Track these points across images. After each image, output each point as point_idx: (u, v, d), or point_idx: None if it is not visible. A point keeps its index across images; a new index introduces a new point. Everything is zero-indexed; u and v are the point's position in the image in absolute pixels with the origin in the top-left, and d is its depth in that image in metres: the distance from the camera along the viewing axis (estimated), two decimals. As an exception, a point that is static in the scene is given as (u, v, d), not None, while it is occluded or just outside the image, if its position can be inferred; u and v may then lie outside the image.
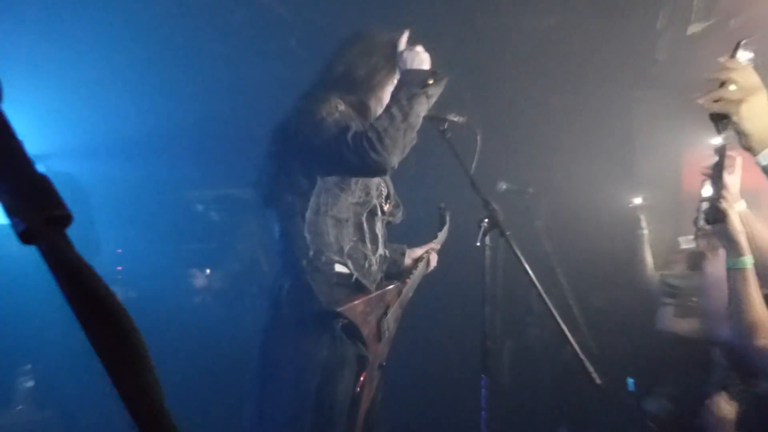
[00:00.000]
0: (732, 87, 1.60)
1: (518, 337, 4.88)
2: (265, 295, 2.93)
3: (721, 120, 1.63)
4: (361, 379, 2.79)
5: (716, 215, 2.25)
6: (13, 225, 0.60)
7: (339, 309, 2.66)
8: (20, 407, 4.16)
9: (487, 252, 2.73)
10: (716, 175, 2.25)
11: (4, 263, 4.04)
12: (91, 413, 4.23)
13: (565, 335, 2.62)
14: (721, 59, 1.65)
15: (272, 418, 2.82)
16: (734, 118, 1.60)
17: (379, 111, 2.82)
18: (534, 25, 5.05)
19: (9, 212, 0.61)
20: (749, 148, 1.62)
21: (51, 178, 0.64)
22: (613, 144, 5.42)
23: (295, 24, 4.98)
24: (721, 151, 2.17)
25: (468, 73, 5.20)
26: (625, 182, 5.35)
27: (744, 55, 1.67)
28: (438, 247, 3.33)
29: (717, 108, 1.62)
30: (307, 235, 2.70)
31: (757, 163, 1.62)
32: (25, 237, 0.60)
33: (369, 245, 2.80)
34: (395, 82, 2.86)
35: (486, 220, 2.70)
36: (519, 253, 2.62)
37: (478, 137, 2.93)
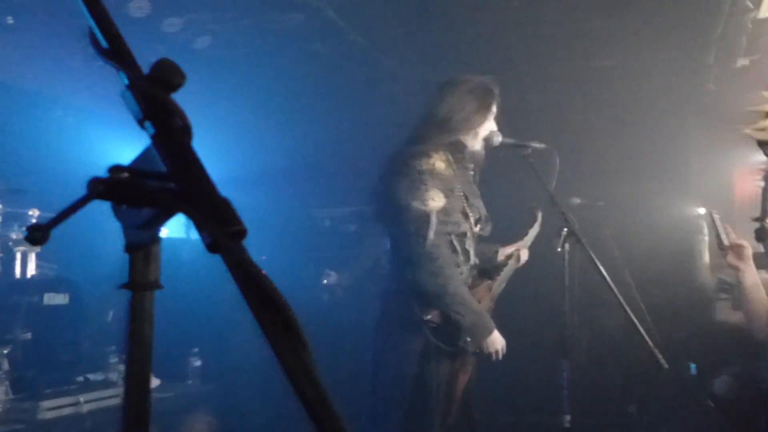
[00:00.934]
0: None
1: (593, 328, 4.74)
2: (380, 295, 2.99)
3: (765, 146, 1.54)
4: (456, 367, 2.78)
5: (763, 234, 2.18)
6: (203, 238, 0.64)
7: (426, 317, 2.69)
8: (190, 381, 4.34)
9: (566, 256, 2.69)
10: (764, 198, 2.17)
11: (181, 268, 4.25)
12: (247, 389, 4.38)
13: (635, 325, 2.54)
14: (765, 93, 1.56)
15: (381, 398, 2.87)
16: None
17: (476, 147, 2.84)
18: (602, 63, 4.95)
19: (199, 228, 0.65)
20: None
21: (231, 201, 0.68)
22: (671, 163, 5.23)
23: (402, 75, 5.06)
24: (766, 177, 2.07)
25: (547, 105, 5.14)
26: (682, 197, 5.16)
27: None
28: (527, 243, 3.24)
29: (762, 136, 1.53)
30: (422, 261, 2.70)
31: None
32: (212, 248, 0.63)
33: (461, 258, 2.79)
34: (490, 118, 2.86)
35: (565, 229, 2.67)
36: (593, 255, 2.57)
37: (557, 160, 2.90)
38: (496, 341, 2.74)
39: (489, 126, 2.87)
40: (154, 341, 0.77)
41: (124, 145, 4.32)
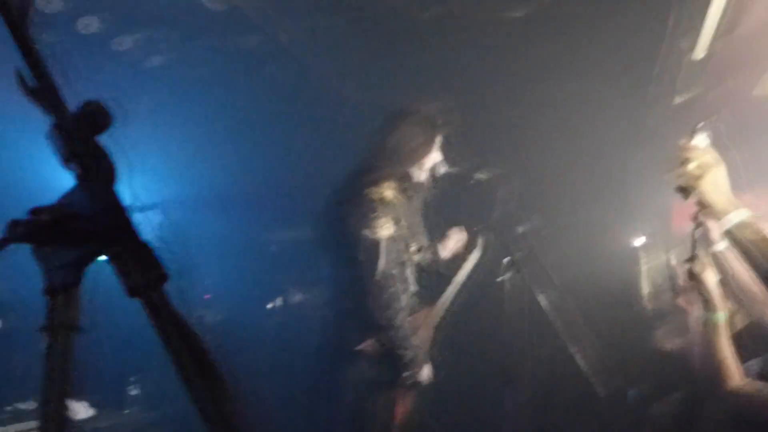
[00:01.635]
0: (692, 164, 1.58)
1: (536, 355, 4.80)
2: (318, 321, 2.99)
3: (685, 191, 1.60)
4: (395, 396, 2.79)
5: (693, 276, 2.27)
6: (123, 283, 0.64)
7: (359, 347, 2.70)
8: (128, 411, 4.23)
9: (507, 285, 2.73)
10: (692, 239, 2.26)
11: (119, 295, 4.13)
12: (187, 416, 4.27)
13: (573, 354, 2.58)
14: (682, 141, 1.63)
15: (320, 427, 2.86)
16: (698, 191, 1.57)
17: (422, 177, 2.88)
18: (549, 92, 5.08)
19: (120, 272, 0.65)
20: (711, 216, 1.58)
21: (151, 245, 0.68)
22: (612, 193, 5.39)
23: (357, 103, 5.09)
24: (696, 220, 2.17)
25: (492, 133, 5.24)
26: (622, 226, 5.31)
27: (701, 137, 1.65)
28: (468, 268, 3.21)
29: (681, 182, 1.59)
30: (351, 282, 2.75)
31: (722, 229, 1.58)
32: (132, 293, 0.64)
33: (401, 287, 2.81)
34: (435, 150, 2.91)
35: (505, 259, 2.72)
36: (533, 286, 2.62)
37: (499, 190, 2.96)
38: (427, 374, 2.78)
39: (434, 157, 2.92)
40: (92, 371, 0.76)
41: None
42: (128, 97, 4.40)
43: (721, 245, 2.45)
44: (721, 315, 2.26)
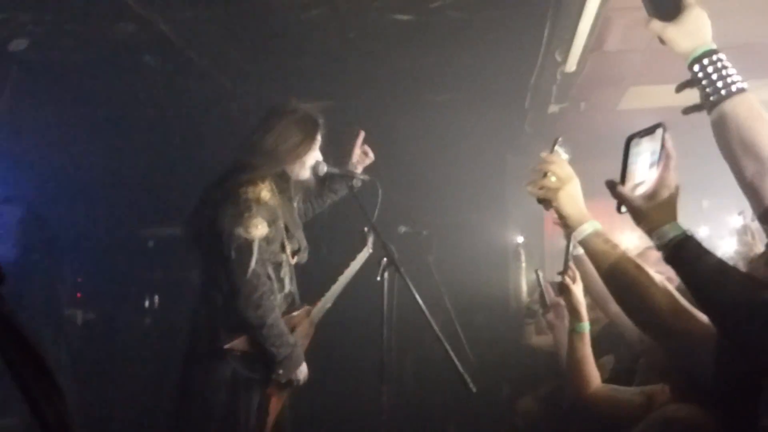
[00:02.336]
0: (552, 178, 1.66)
1: (414, 354, 4.92)
2: (187, 321, 2.91)
3: (544, 202, 1.68)
4: (267, 395, 2.77)
5: (563, 288, 2.48)
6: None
7: (226, 345, 2.65)
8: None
9: (386, 284, 2.77)
10: (566, 254, 2.51)
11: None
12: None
13: (448, 352, 2.65)
14: (543, 154, 1.71)
15: (189, 428, 2.79)
16: (554, 204, 1.66)
17: (302, 176, 2.86)
18: (430, 98, 5.21)
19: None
20: (567, 226, 1.67)
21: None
22: (490, 196, 5.62)
23: (236, 93, 5.00)
24: (567, 237, 2.33)
25: (375, 135, 5.29)
26: (500, 227, 5.55)
27: (560, 151, 1.74)
28: (357, 266, 3.28)
29: (540, 195, 1.67)
30: (222, 280, 2.70)
31: (574, 239, 1.68)
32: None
33: (276, 286, 2.80)
34: (315, 148, 2.90)
35: (384, 258, 2.75)
36: (410, 284, 2.66)
37: (380, 191, 3.01)
38: (303, 373, 2.78)
39: (314, 156, 2.91)
40: None
41: None
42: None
43: (581, 249, 2.63)
44: (586, 325, 2.44)
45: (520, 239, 5.42)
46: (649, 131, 1.45)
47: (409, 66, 4.73)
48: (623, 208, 1.49)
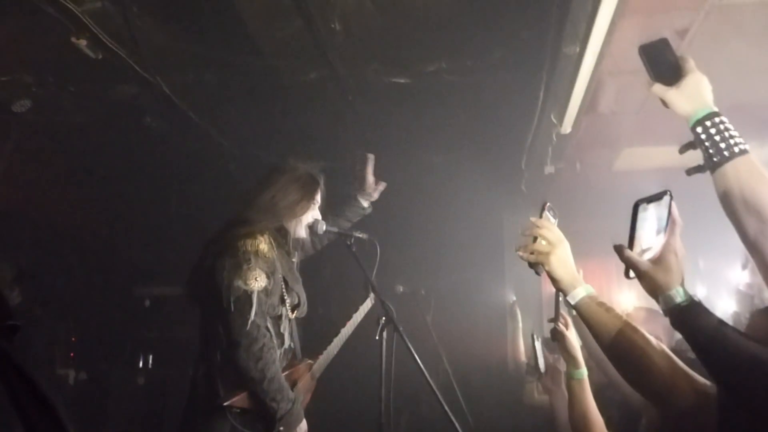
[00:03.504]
0: (542, 242, 1.68)
1: (412, 412, 4.85)
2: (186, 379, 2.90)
3: (536, 266, 1.70)
4: None
5: (556, 335, 2.47)
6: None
7: (226, 402, 2.63)
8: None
9: (384, 343, 2.76)
10: (556, 301, 2.55)
11: None
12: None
13: (446, 412, 2.63)
14: (532, 219, 1.73)
15: None
16: (546, 267, 1.67)
17: (299, 233, 2.89)
18: (427, 158, 5.28)
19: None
20: (560, 290, 1.68)
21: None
22: (486, 256, 5.63)
23: (235, 153, 5.07)
24: (557, 294, 2.36)
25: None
26: (497, 287, 5.55)
27: (548, 215, 1.76)
28: (360, 317, 3.30)
29: (532, 259, 1.68)
30: (222, 334, 2.70)
31: (567, 303, 1.69)
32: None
33: (276, 342, 2.79)
34: (314, 207, 2.95)
35: (383, 317, 2.75)
36: (408, 343, 2.66)
37: (378, 250, 3.03)
38: (303, 430, 2.75)
39: (313, 214, 2.95)
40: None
41: None
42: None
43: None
44: (584, 371, 2.40)
45: (513, 297, 5.42)
46: (657, 197, 1.47)
47: (406, 127, 4.81)
48: (631, 273, 1.50)
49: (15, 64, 3.80)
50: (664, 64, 1.63)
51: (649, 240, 1.50)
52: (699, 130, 1.57)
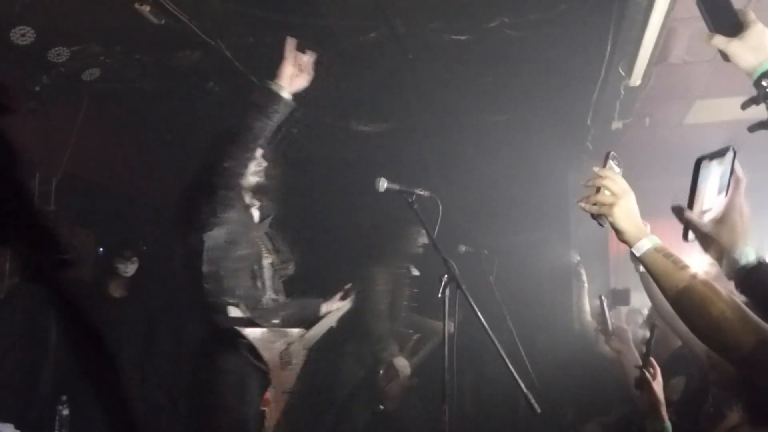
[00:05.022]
0: (606, 192, 1.62)
1: (476, 372, 4.85)
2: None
3: (599, 218, 1.64)
4: (266, 396, 2.90)
5: (642, 384, 2.40)
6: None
7: (240, 329, 2.84)
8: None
9: (446, 302, 2.74)
10: (647, 350, 2.44)
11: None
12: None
13: (511, 372, 2.60)
14: (595, 168, 1.67)
15: (192, 415, 3.02)
16: (609, 219, 1.61)
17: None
18: (489, 117, 5.18)
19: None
20: (625, 242, 1.62)
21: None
22: (551, 215, 5.52)
23: (296, 116, 5.09)
24: (650, 327, 2.28)
25: (435, 155, 5.31)
26: (562, 247, 5.44)
27: (612, 164, 1.69)
28: (347, 306, 3.65)
29: (595, 210, 1.62)
30: (205, 285, 2.86)
31: (633, 254, 1.62)
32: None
33: (260, 289, 3.00)
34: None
35: (445, 275, 2.73)
36: (472, 302, 2.63)
37: (440, 207, 2.99)
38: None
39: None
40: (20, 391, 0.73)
41: None
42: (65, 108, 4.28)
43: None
44: (668, 427, 2.32)
45: (577, 258, 5.28)
46: (720, 154, 1.38)
47: (468, 86, 4.73)
48: (690, 235, 1.42)
49: (83, 33, 3.89)
50: (723, 15, 1.52)
51: (711, 200, 1.41)
52: (765, 83, 1.47)
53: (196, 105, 4.76)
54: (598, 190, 1.62)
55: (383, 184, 2.92)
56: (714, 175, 1.39)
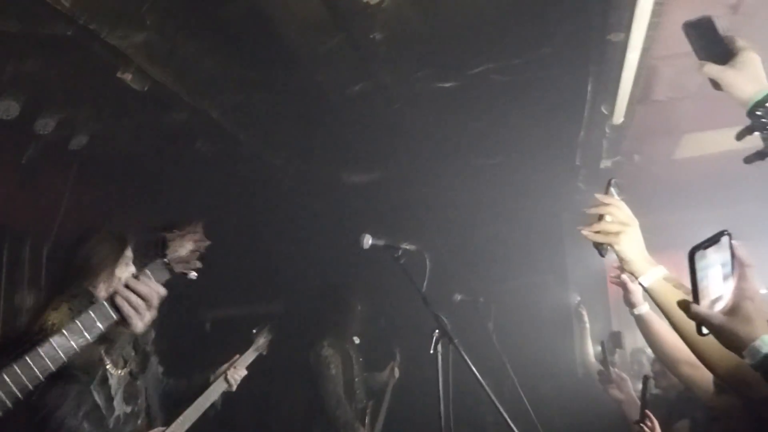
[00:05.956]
0: (609, 219, 1.56)
1: (476, 427, 4.69)
2: None
3: (602, 246, 1.57)
4: None
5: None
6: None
7: None
8: None
9: (439, 357, 2.66)
10: (642, 403, 2.44)
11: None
12: None
13: (509, 425, 2.50)
14: (598, 195, 1.62)
15: None
16: (615, 248, 1.54)
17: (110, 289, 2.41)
18: (480, 162, 5.16)
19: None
20: (632, 272, 1.56)
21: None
22: (547, 258, 5.46)
23: (287, 171, 5.06)
24: (643, 380, 2.23)
25: (427, 202, 5.27)
26: (561, 289, 5.35)
27: (614, 191, 1.64)
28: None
29: (598, 239, 1.56)
30: None
31: (641, 284, 1.55)
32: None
33: (104, 411, 2.41)
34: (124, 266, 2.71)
35: (437, 330, 2.65)
36: (465, 356, 2.55)
37: (428, 261, 2.93)
38: None
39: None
40: None
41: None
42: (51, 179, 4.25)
43: (643, 308, 2.46)
44: None
45: (577, 298, 5.19)
46: (713, 241, 1.26)
47: (456, 132, 4.72)
48: (704, 329, 1.31)
49: (68, 102, 3.89)
50: (712, 42, 1.47)
51: (717, 289, 1.28)
52: (760, 112, 1.41)
53: (186, 165, 4.74)
54: (600, 217, 1.56)
55: (368, 241, 2.86)
56: (714, 264, 1.26)
